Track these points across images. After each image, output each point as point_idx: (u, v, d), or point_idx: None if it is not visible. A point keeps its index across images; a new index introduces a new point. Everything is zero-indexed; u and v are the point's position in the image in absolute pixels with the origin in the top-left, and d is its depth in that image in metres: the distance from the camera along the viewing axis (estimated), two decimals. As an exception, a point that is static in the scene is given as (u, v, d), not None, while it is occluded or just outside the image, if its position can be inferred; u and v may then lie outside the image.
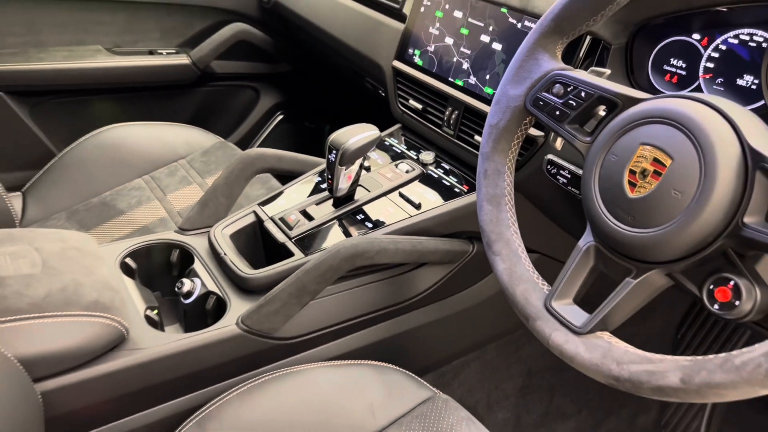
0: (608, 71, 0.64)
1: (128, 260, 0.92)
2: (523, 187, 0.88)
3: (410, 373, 0.84)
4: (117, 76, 1.51)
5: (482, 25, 0.93)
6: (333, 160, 0.89)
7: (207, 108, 1.69)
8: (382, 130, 1.13)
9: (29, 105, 1.46)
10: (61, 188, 1.28)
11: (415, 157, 1.05)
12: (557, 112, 0.62)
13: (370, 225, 0.92)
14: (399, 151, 1.08)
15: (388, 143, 1.11)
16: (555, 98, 0.62)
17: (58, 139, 1.51)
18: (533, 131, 0.83)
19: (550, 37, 0.64)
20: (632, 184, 0.52)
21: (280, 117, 1.78)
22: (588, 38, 0.80)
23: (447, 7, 1.00)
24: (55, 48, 1.48)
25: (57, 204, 1.25)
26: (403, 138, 1.12)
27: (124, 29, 1.53)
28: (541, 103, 0.63)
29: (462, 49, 0.97)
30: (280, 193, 1.01)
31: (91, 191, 1.27)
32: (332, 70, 1.55)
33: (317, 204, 0.96)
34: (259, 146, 1.75)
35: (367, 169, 1.04)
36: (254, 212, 0.97)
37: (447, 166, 1.02)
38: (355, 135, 0.89)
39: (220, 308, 0.85)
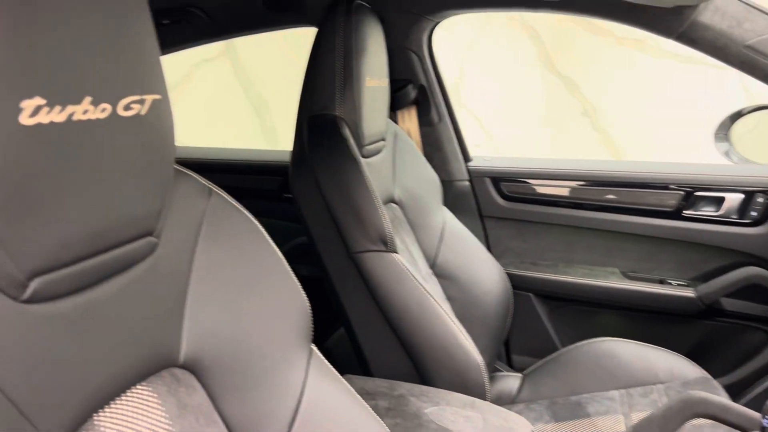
0: None
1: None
2: None
3: None
4: (625, 297, 1.71)
5: None
6: (765, 426, 0.84)
7: (702, 341, 1.69)
8: None
9: (549, 306, 1.81)
10: (552, 379, 1.53)
11: None
12: None
13: None
14: None
15: None
16: None
17: (564, 337, 1.79)
18: None
19: None
20: None
21: (793, 369, 1.61)
22: None
23: None
24: (580, 265, 1.80)
25: (544, 391, 1.50)
26: None
27: (642, 258, 1.73)
28: None
29: None
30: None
31: (573, 389, 1.47)
32: None
33: (743, 469, 0.90)
34: (759, 395, 1.61)
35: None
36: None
37: None
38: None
39: None
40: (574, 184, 1.77)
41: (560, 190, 1.78)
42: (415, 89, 1.71)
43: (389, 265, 1.18)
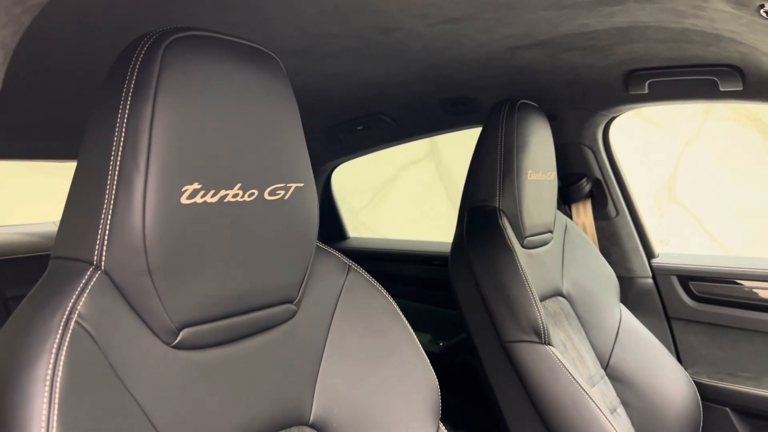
0: None
1: None
2: None
3: None
4: None
5: None
6: None
7: None
8: None
9: (752, 425, 1.56)
10: None
11: None
12: None
13: None
14: None
15: None
16: None
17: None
18: None
19: None
20: None
21: None
22: None
23: None
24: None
25: None
26: None
27: None
28: None
29: None
30: None
31: None
32: None
33: None
34: None
35: None
36: None
37: None
38: None
39: None
40: None
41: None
42: (590, 183, 1.69)
43: (542, 358, 1.16)
